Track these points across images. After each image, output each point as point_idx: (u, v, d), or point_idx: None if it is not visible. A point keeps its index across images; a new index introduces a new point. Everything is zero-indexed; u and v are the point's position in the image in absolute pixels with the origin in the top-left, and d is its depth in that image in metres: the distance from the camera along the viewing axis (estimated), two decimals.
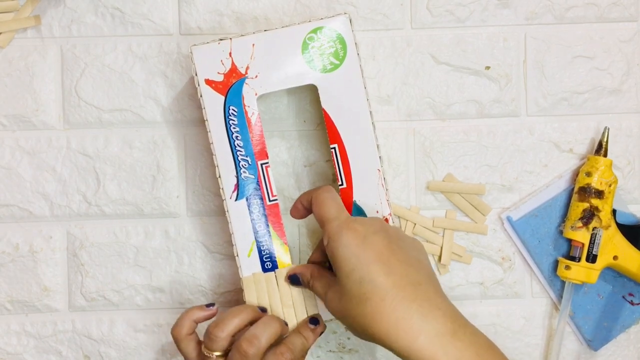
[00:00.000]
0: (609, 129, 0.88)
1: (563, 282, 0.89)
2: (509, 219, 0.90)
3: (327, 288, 0.77)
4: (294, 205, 0.82)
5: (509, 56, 0.91)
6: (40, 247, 0.90)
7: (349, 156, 0.82)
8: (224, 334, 0.77)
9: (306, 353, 0.80)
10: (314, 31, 0.82)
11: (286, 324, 0.81)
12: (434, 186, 0.90)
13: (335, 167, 0.82)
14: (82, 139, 0.90)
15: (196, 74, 0.81)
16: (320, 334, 0.82)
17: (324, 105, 0.82)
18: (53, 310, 0.90)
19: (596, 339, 0.91)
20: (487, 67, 0.90)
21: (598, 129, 0.91)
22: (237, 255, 0.82)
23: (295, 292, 0.82)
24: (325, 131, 0.83)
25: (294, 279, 0.81)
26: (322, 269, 0.80)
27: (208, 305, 0.81)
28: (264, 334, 0.76)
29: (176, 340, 0.80)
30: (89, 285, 0.90)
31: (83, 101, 0.89)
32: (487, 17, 0.90)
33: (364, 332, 0.73)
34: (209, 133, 0.81)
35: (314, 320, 0.81)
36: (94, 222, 0.90)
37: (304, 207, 0.81)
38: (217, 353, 0.77)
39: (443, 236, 0.90)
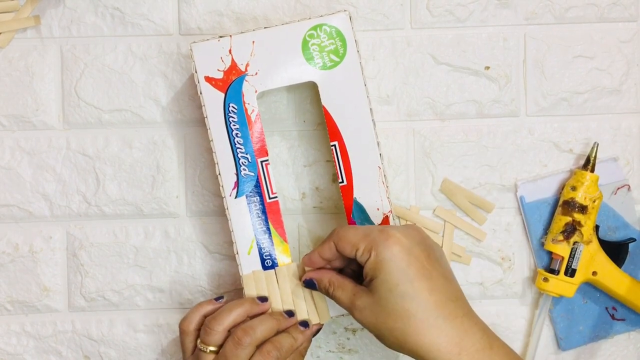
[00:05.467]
0: (598, 144, 0.88)
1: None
2: (522, 199, 0.90)
3: (353, 297, 0.76)
4: (310, 262, 0.80)
5: (509, 56, 0.91)
6: (40, 247, 0.90)
7: (349, 153, 0.82)
8: (220, 327, 0.78)
9: (292, 352, 0.80)
10: (314, 28, 0.82)
11: (292, 314, 0.81)
12: (446, 186, 0.90)
13: (336, 165, 0.82)
14: (82, 139, 0.90)
15: (196, 71, 0.81)
16: (314, 335, 0.82)
17: (324, 102, 0.82)
18: (53, 311, 0.90)
19: (567, 340, 0.90)
20: (487, 67, 0.90)
21: (598, 129, 0.91)
22: (237, 253, 0.82)
23: (295, 290, 0.82)
24: (326, 131, 0.83)
25: (309, 284, 0.80)
26: (341, 277, 0.78)
27: (217, 299, 0.82)
28: (260, 327, 0.77)
29: (182, 333, 0.81)
30: (88, 285, 0.90)
31: (83, 101, 0.89)
32: (487, 17, 0.90)
33: (402, 346, 0.73)
34: (208, 130, 0.81)
35: (304, 323, 0.81)
36: (93, 222, 0.90)
37: (325, 258, 0.79)
38: (212, 348, 0.78)
39: (443, 236, 0.90)
